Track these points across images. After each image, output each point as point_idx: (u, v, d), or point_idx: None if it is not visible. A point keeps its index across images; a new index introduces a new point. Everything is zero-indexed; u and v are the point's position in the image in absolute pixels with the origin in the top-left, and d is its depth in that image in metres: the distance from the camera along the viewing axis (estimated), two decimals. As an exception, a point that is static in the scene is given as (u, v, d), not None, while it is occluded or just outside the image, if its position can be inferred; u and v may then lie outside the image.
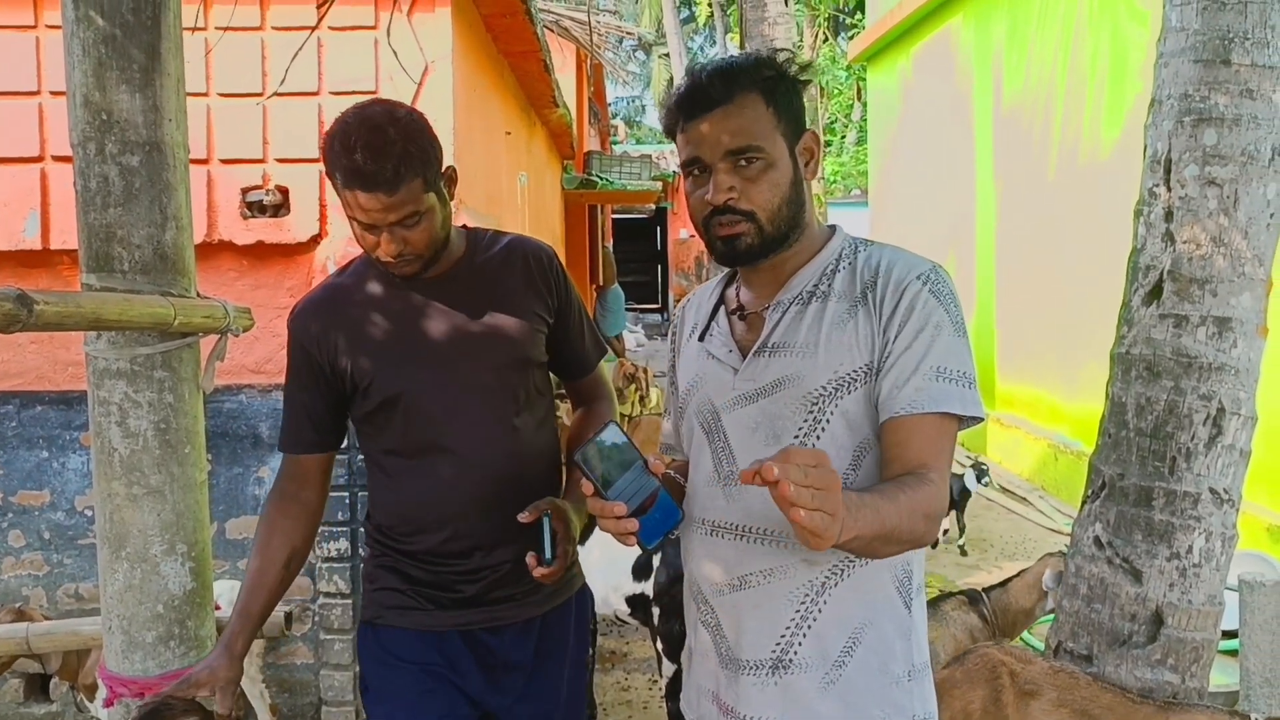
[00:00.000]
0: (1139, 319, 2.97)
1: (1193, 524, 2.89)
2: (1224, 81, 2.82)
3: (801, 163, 1.57)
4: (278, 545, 2.01)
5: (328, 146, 1.83)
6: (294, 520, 2.03)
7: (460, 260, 2.01)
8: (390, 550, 2.04)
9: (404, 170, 1.79)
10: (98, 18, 2.04)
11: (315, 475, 2.06)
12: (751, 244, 1.54)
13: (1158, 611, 2.93)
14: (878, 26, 12.44)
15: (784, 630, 1.54)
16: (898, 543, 1.38)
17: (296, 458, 2.05)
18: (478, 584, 1.99)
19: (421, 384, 1.94)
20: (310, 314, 2.00)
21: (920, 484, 1.41)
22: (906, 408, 1.45)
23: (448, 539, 1.97)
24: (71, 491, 4.04)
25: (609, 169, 12.61)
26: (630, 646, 5.10)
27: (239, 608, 1.97)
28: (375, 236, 1.83)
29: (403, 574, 2.02)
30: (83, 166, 2.07)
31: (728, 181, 1.52)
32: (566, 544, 1.87)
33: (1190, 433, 2.87)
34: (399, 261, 1.87)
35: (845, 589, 1.52)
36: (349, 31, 3.88)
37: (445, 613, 2.00)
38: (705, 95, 1.53)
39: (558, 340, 2.09)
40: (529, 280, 2.03)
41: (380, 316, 1.97)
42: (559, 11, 8.82)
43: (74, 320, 1.80)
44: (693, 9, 30.99)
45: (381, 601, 2.04)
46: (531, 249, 2.07)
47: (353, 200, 1.80)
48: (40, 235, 3.92)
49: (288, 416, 2.05)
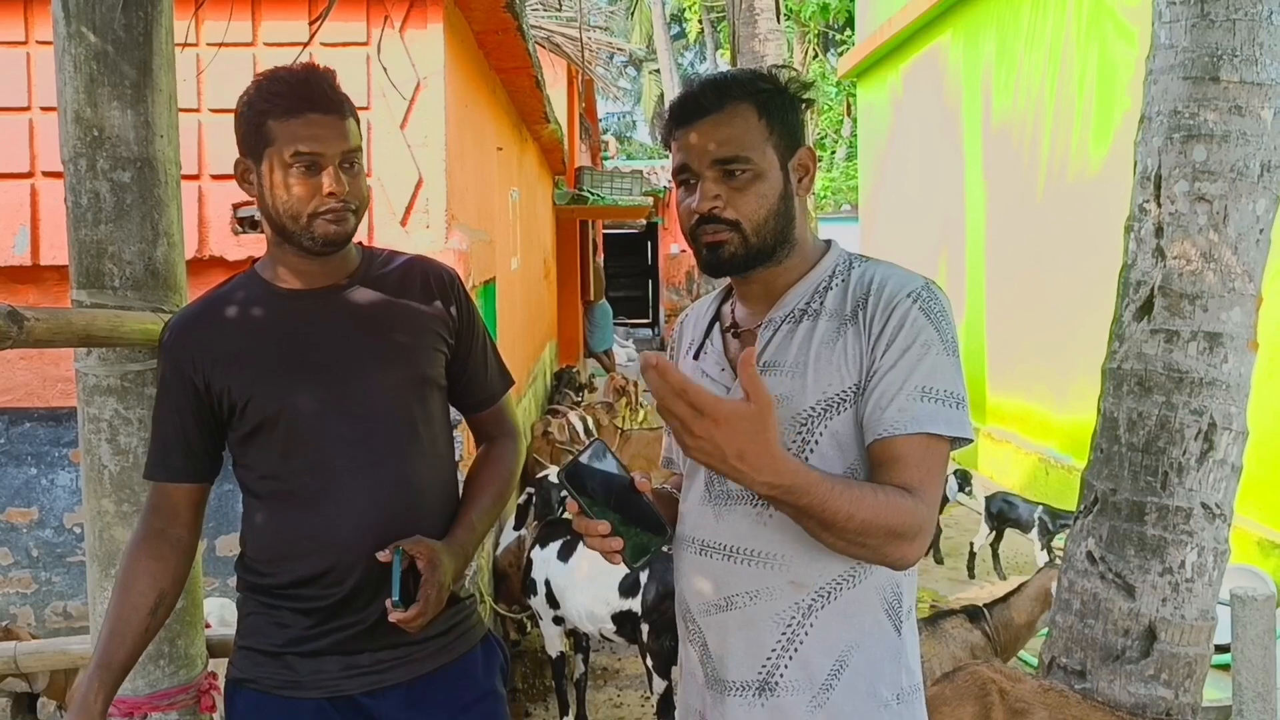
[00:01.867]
0: (1130, 334, 2.98)
1: (1185, 539, 2.90)
2: (1213, 98, 2.83)
3: (795, 178, 1.55)
4: (143, 589, 1.75)
5: (254, 96, 1.71)
6: (161, 561, 1.77)
7: (355, 272, 1.84)
8: (263, 591, 1.80)
9: (346, 102, 1.73)
10: (90, 34, 2.04)
11: (186, 510, 1.81)
12: (735, 254, 1.52)
13: (1151, 627, 2.93)
14: (867, 43, 12.52)
15: (769, 653, 1.53)
16: (843, 539, 1.36)
17: (165, 489, 1.80)
18: (354, 630, 1.76)
19: (305, 402, 1.74)
20: (185, 327, 1.80)
21: (897, 498, 1.39)
22: (890, 429, 1.43)
23: (326, 577, 1.74)
24: (60, 509, 4.01)
25: (600, 184, 12.64)
26: (622, 663, 5.08)
27: (97, 659, 1.71)
28: (314, 180, 1.68)
29: (277, 623, 1.79)
30: (74, 183, 2.06)
31: (713, 190, 1.51)
32: (430, 589, 1.68)
33: (1182, 448, 2.88)
34: (339, 209, 1.70)
35: (832, 612, 1.51)
36: (341, 48, 3.89)
37: (318, 670, 1.76)
38: (697, 104, 1.53)
39: (458, 366, 1.92)
40: (428, 297, 1.87)
41: (263, 329, 1.78)
42: (550, 28, 8.85)
43: (65, 336, 1.79)
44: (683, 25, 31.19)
45: (253, 661, 1.81)
46: (433, 267, 1.92)
47: (300, 128, 1.67)
48: (30, 251, 3.91)
49: (155, 440, 1.81)
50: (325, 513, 1.74)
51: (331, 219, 1.71)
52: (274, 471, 1.77)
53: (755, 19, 7.54)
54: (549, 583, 4.36)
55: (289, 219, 1.71)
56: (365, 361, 1.78)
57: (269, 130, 1.69)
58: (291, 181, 1.69)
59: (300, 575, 1.75)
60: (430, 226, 4.08)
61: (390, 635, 1.75)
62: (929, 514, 1.42)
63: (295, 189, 1.69)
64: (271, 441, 1.76)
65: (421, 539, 1.73)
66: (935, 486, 1.44)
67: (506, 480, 1.98)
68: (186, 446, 1.78)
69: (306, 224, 1.70)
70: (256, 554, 1.81)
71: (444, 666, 1.83)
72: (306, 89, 1.70)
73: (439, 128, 4.05)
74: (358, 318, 1.80)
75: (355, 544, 1.73)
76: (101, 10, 2.04)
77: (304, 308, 1.79)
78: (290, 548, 1.76)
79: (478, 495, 1.91)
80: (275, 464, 1.77)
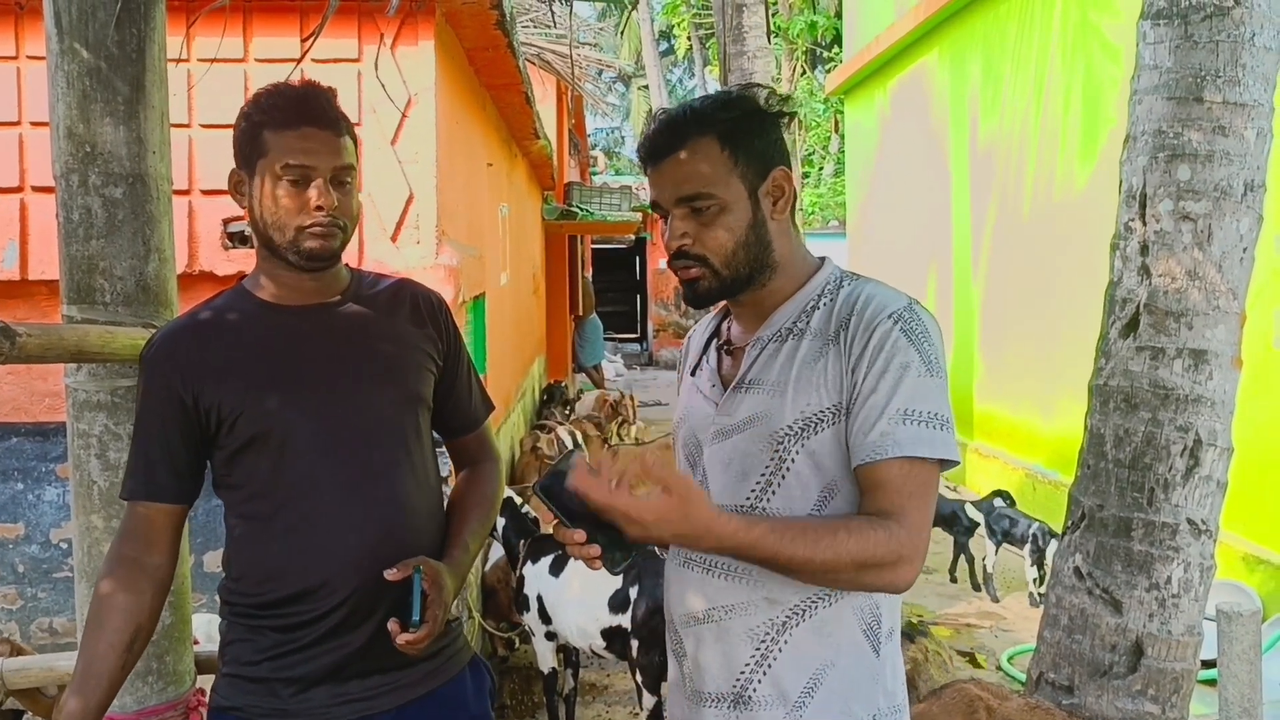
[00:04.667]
0: (1116, 351, 3.01)
1: (1171, 555, 2.92)
2: (1197, 118, 2.87)
3: (768, 202, 1.55)
4: (118, 625, 1.66)
5: (252, 108, 1.71)
6: (137, 594, 1.69)
7: (346, 290, 1.83)
8: (248, 614, 1.75)
9: (344, 120, 1.74)
10: (83, 50, 2.05)
11: (164, 534, 1.73)
12: (710, 287, 1.55)
13: (1138, 642, 2.95)
14: (855, 61, 12.59)
15: (744, 667, 1.54)
16: (812, 579, 1.44)
17: (145, 511, 1.72)
18: (343, 653, 1.72)
19: (298, 417, 1.71)
20: (172, 341, 1.75)
21: (869, 529, 1.40)
22: (872, 454, 1.43)
23: (314, 595, 1.70)
24: (47, 524, 3.99)
25: (589, 200, 12.67)
26: (611, 679, 5.07)
27: (72, 706, 1.63)
28: (306, 192, 1.67)
29: (262, 647, 1.73)
30: (65, 198, 2.06)
31: (680, 228, 1.53)
32: (437, 609, 1.67)
33: (1168, 464, 2.90)
34: (326, 225, 1.68)
35: (806, 630, 1.51)
36: (332, 64, 3.90)
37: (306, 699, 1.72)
38: (657, 144, 1.55)
39: (444, 389, 1.90)
40: (418, 319, 1.87)
41: (254, 344, 1.75)
42: (540, 44, 8.88)
43: (56, 352, 1.80)
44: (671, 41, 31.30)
45: (237, 688, 1.76)
46: (421, 290, 1.93)
47: (294, 140, 1.67)
48: (19, 266, 3.91)
49: (135, 458, 1.74)
50: (315, 530, 1.70)
51: (318, 233, 1.69)
52: (263, 489, 1.73)
53: (744, 37, 7.59)
54: (541, 598, 4.35)
55: (275, 231, 1.70)
56: (358, 378, 1.76)
57: (264, 141, 1.69)
58: (281, 193, 1.68)
59: (288, 593, 1.71)
60: (420, 242, 4.09)
61: (380, 659, 1.72)
62: (911, 539, 1.42)
63: (284, 201, 1.68)
64: (262, 458, 1.71)
65: (426, 558, 1.71)
66: (921, 510, 1.44)
67: (492, 502, 1.98)
68: (171, 464, 1.72)
69: (293, 237, 1.69)
70: (243, 573, 1.76)
71: (433, 691, 1.80)
72: (304, 103, 1.70)
73: (430, 144, 4.06)
74: (350, 335, 1.79)
75: (345, 562, 1.70)
76: (95, 27, 2.05)
77: (295, 323, 1.77)
78: (278, 566, 1.71)
79: (467, 517, 1.90)
80: (264, 481, 1.72)
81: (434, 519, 1.86)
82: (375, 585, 1.67)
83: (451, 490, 1.99)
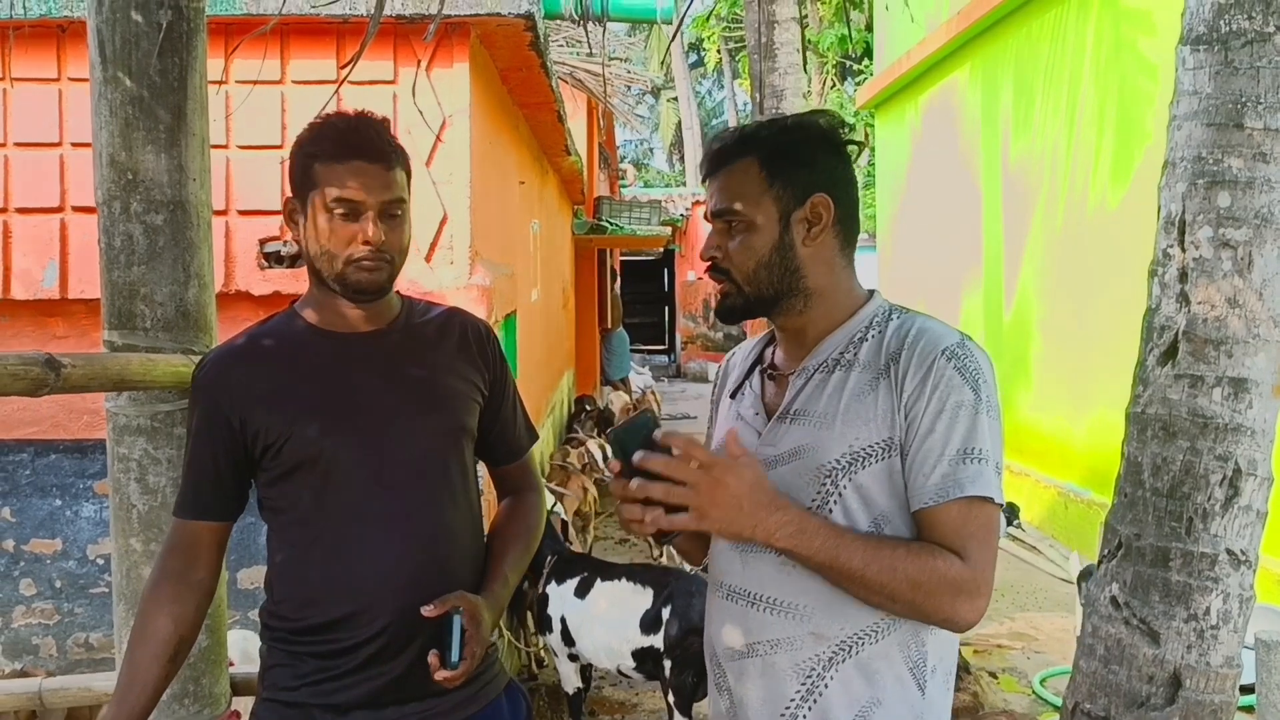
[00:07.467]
0: (1154, 379, 2.97)
1: (1210, 585, 2.87)
2: (1237, 145, 2.83)
3: (801, 228, 1.55)
4: (163, 637, 1.71)
5: (305, 139, 1.74)
6: (181, 605, 1.74)
7: (396, 319, 1.85)
8: (288, 639, 1.77)
9: (396, 153, 1.75)
10: (125, 79, 2.08)
11: (209, 549, 1.79)
12: (735, 304, 1.59)
13: (1175, 673, 2.90)
14: (885, 75, 12.56)
15: (788, 703, 1.52)
16: (869, 591, 1.44)
17: (192, 526, 1.78)
18: (382, 681, 1.73)
19: (342, 446, 1.73)
20: (223, 364, 1.79)
21: (935, 556, 1.41)
22: (934, 498, 1.44)
23: (354, 621, 1.71)
24: (84, 540, 4.04)
25: (618, 214, 12.70)
26: (640, 698, 5.06)
27: (115, 710, 1.69)
28: (354, 225, 1.69)
29: (301, 673, 1.75)
30: (107, 225, 2.09)
31: (714, 241, 1.59)
32: (476, 645, 1.68)
33: (1207, 493, 2.86)
34: (374, 259, 1.70)
35: (852, 667, 1.50)
36: (368, 86, 3.94)
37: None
38: (707, 160, 1.63)
39: (489, 418, 1.91)
40: (465, 349, 1.88)
41: (303, 369, 1.77)
42: (573, 63, 8.93)
43: (99, 382, 1.82)
44: (701, 54, 31.35)
45: (276, 714, 1.78)
46: (470, 320, 1.95)
47: (344, 174, 1.68)
48: (59, 285, 3.96)
49: (187, 478, 1.79)
50: (356, 558, 1.72)
51: (366, 266, 1.71)
52: (306, 515, 1.75)
53: (775, 53, 7.58)
54: (564, 619, 4.35)
55: (324, 262, 1.72)
56: (405, 407, 1.78)
57: (315, 173, 1.71)
58: (331, 226, 1.70)
59: (327, 619, 1.72)
60: (454, 263, 4.11)
61: (418, 687, 1.72)
62: (975, 575, 1.43)
63: (334, 233, 1.70)
64: (305, 484, 1.74)
65: (464, 594, 1.72)
66: (984, 548, 1.44)
67: (533, 533, 1.98)
68: (217, 484, 1.76)
69: (341, 270, 1.71)
70: (283, 597, 1.78)
71: (469, 717, 1.80)
72: (355, 136, 1.72)
73: (464, 165, 4.08)
74: (398, 364, 1.80)
75: (385, 591, 1.71)
76: (138, 56, 2.08)
77: (345, 350, 1.79)
78: (319, 592, 1.73)
79: (508, 548, 1.90)
80: (307, 507, 1.74)
81: (475, 550, 1.86)
82: (415, 615, 1.67)
83: (492, 519, 1.99)
